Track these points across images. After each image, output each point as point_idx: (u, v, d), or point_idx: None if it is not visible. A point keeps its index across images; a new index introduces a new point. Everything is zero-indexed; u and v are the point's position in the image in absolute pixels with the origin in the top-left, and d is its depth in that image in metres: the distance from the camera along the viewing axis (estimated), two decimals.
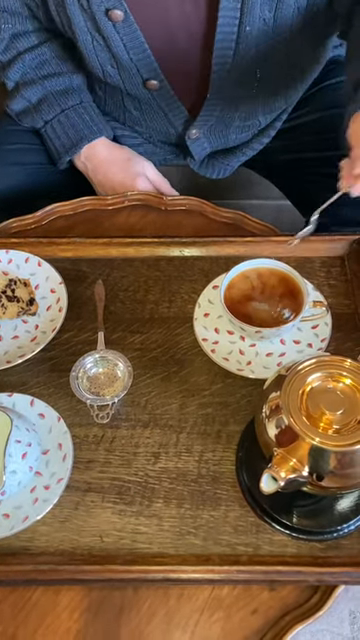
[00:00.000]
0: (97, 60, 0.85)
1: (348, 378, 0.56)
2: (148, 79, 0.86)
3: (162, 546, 0.61)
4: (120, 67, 0.85)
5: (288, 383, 0.56)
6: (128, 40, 0.81)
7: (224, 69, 0.84)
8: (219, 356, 0.72)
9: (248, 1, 0.76)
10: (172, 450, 0.67)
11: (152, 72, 0.85)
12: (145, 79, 0.86)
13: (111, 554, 0.61)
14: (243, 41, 0.81)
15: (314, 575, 0.58)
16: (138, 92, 0.88)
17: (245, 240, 0.82)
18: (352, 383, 0.56)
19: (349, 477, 0.55)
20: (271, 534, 0.61)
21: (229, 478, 0.65)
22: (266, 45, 0.82)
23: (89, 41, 0.83)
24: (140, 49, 0.82)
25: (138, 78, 0.86)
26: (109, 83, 0.90)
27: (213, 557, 0.60)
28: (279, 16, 0.79)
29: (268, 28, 0.80)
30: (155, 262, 0.82)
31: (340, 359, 0.56)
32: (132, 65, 0.84)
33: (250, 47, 0.82)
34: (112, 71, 0.86)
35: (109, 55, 0.84)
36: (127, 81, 0.87)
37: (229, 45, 0.81)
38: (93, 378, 0.70)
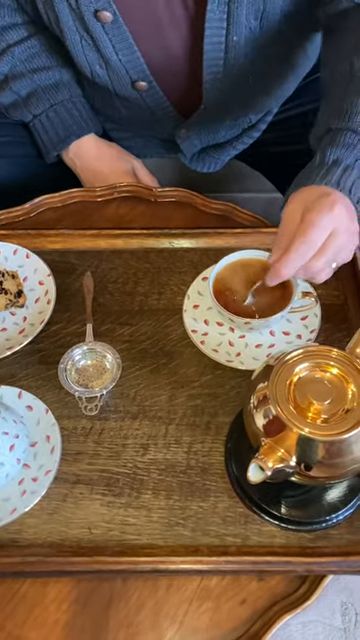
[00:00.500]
0: (85, 60, 0.84)
1: (335, 368, 0.56)
2: (137, 80, 0.85)
3: (151, 537, 0.61)
4: (109, 68, 0.84)
5: (276, 373, 0.56)
6: (117, 41, 0.80)
7: (215, 78, 0.84)
8: (208, 347, 0.71)
9: (234, 11, 0.75)
10: (161, 441, 0.66)
11: (141, 74, 0.84)
12: (134, 80, 0.85)
13: (100, 545, 0.60)
14: (232, 50, 0.80)
15: (302, 565, 0.58)
16: (127, 93, 0.88)
17: (235, 232, 0.81)
18: (339, 372, 0.56)
19: (337, 467, 0.55)
20: (260, 525, 0.61)
21: (218, 469, 0.65)
22: (255, 52, 0.82)
23: (77, 41, 0.82)
24: (129, 50, 0.82)
25: (127, 79, 0.85)
26: (97, 82, 0.89)
27: (202, 548, 0.60)
28: (265, 23, 0.78)
29: (255, 35, 0.80)
30: (144, 254, 0.81)
31: (327, 349, 0.56)
32: (121, 66, 0.83)
33: (239, 55, 0.81)
34: (101, 71, 0.85)
35: (98, 55, 0.83)
36: (115, 82, 0.86)
37: (218, 55, 0.81)
38: (82, 370, 0.70)
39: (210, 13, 0.75)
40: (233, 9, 0.75)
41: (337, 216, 0.58)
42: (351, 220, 0.60)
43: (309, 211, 0.59)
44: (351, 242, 0.61)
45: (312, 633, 1.04)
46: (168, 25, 0.80)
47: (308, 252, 0.58)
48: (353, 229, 0.61)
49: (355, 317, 0.74)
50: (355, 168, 0.62)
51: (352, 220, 0.60)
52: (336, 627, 1.04)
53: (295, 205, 0.61)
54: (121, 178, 0.92)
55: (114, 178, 0.92)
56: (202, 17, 0.77)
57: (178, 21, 0.79)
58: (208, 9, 0.75)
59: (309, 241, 0.58)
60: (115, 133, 1.03)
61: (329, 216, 0.58)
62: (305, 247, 0.58)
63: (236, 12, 0.76)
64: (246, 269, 0.73)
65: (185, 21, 0.79)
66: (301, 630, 1.05)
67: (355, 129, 0.64)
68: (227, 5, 0.74)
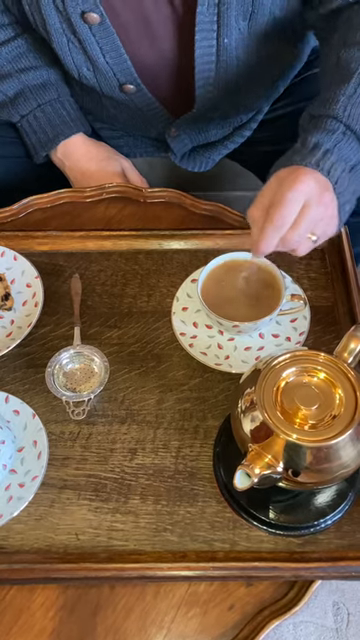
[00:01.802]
0: (73, 62, 0.83)
1: (322, 372, 0.55)
2: (124, 83, 0.84)
3: (138, 543, 0.60)
4: (96, 70, 0.83)
5: (263, 378, 0.56)
6: (104, 43, 0.79)
7: (207, 82, 0.83)
8: (197, 350, 0.71)
9: (223, 13, 0.74)
10: (149, 446, 0.66)
11: (129, 77, 0.83)
12: (121, 83, 0.84)
13: (87, 552, 0.60)
14: (223, 53, 0.79)
15: (290, 570, 0.58)
16: (115, 95, 0.87)
17: (224, 233, 0.81)
18: (326, 377, 0.55)
19: (324, 472, 0.55)
20: (248, 530, 0.61)
21: (206, 474, 0.64)
22: (245, 53, 0.81)
23: (64, 43, 0.81)
24: (116, 53, 0.81)
25: (114, 82, 0.84)
26: (85, 84, 0.88)
27: (189, 554, 0.60)
28: (254, 24, 0.78)
29: (244, 37, 0.79)
30: (133, 255, 0.81)
31: (314, 353, 0.56)
32: (108, 69, 0.82)
33: (230, 57, 0.81)
34: (88, 74, 0.84)
35: (85, 57, 0.82)
36: (103, 84, 0.85)
37: (210, 59, 0.80)
38: (69, 374, 0.69)
39: (200, 16, 0.75)
40: (223, 11, 0.74)
41: (306, 188, 0.60)
42: (322, 191, 0.61)
43: (280, 186, 0.61)
44: (326, 212, 0.63)
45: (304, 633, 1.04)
46: (157, 28, 0.79)
47: (283, 226, 0.60)
48: (325, 200, 0.62)
49: (344, 320, 0.74)
50: (334, 153, 0.63)
51: (323, 191, 0.61)
52: (328, 627, 1.04)
53: (271, 184, 0.63)
54: (110, 179, 0.92)
55: (103, 179, 0.91)
56: (192, 20, 0.76)
57: (167, 24, 0.78)
58: (198, 11, 0.74)
59: (282, 215, 0.60)
60: (105, 132, 1.02)
61: (297, 189, 0.60)
62: (279, 222, 0.60)
63: (226, 14, 0.75)
64: (235, 271, 0.72)
65: (174, 23, 0.78)
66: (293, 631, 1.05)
67: (335, 115, 0.65)
68: (217, 7, 0.73)
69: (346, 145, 0.65)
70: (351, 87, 0.66)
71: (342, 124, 0.65)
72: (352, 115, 0.65)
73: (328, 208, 0.63)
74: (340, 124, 0.65)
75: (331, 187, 0.62)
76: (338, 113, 0.65)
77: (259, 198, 0.63)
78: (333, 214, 0.64)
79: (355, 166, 0.66)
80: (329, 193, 0.62)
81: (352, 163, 0.65)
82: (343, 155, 0.64)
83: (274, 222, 0.60)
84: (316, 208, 0.61)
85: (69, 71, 0.86)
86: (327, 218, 0.63)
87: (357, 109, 0.65)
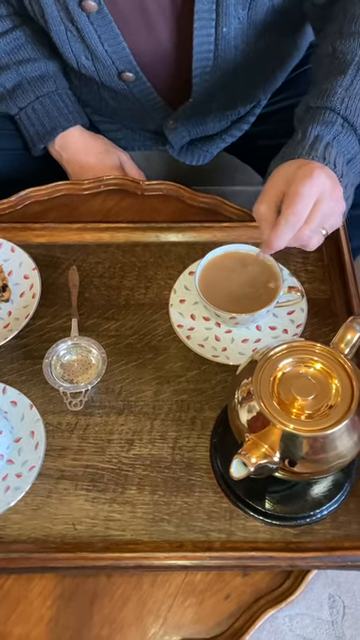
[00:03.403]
0: (71, 51, 0.83)
1: (319, 363, 0.55)
2: (123, 71, 0.84)
3: (135, 533, 0.61)
4: (95, 59, 0.83)
5: (260, 369, 0.56)
6: (102, 31, 0.79)
7: (205, 71, 0.83)
8: (194, 342, 0.71)
9: (222, 1, 0.74)
10: (146, 437, 0.66)
11: (127, 65, 0.83)
12: (120, 71, 0.84)
13: (84, 541, 0.60)
14: (221, 42, 0.79)
15: (286, 560, 0.58)
16: (113, 84, 0.87)
17: (222, 225, 0.81)
18: (323, 368, 0.55)
19: (321, 462, 0.55)
20: (244, 520, 0.61)
21: (203, 464, 0.64)
22: (244, 43, 0.81)
23: (62, 31, 0.81)
24: (115, 41, 0.80)
25: (113, 70, 0.84)
26: (84, 74, 0.88)
27: (186, 543, 0.60)
28: (253, 13, 0.78)
29: (244, 26, 0.79)
30: (131, 248, 0.81)
31: (311, 344, 0.56)
32: (107, 57, 0.82)
33: (229, 47, 0.81)
34: (87, 62, 0.84)
35: (83, 46, 0.82)
36: (102, 73, 0.85)
37: (208, 47, 0.80)
38: (67, 365, 0.70)
39: (199, 4, 0.75)
40: None
41: (319, 183, 0.60)
42: (334, 186, 0.61)
43: (292, 183, 0.60)
44: (337, 207, 0.63)
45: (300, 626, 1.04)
46: (155, 16, 0.79)
47: (297, 223, 0.60)
48: (337, 195, 0.62)
49: (341, 312, 0.74)
50: (334, 145, 0.64)
51: (335, 186, 0.62)
52: (324, 620, 1.05)
53: (278, 178, 0.63)
54: (108, 172, 0.92)
55: (101, 172, 0.91)
56: (190, 8, 0.76)
57: (165, 11, 0.78)
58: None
59: (297, 212, 0.59)
60: (103, 125, 1.02)
61: (311, 184, 0.59)
62: (294, 218, 0.59)
63: (225, 2, 0.75)
64: (233, 263, 0.72)
65: (173, 11, 0.78)
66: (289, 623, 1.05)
67: (333, 107, 0.65)
68: None
69: (344, 138, 0.65)
70: (348, 79, 0.66)
71: (340, 116, 0.65)
72: (349, 107, 0.65)
73: (339, 202, 0.63)
74: (338, 116, 0.65)
75: (339, 182, 0.63)
76: (336, 105, 0.65)
77: (265, 194, 0.63)
78: (342, 209, 0.64)
79: (352, 159, 0.66)
80: (339, 187, 0.62)
81: (349, 156, 0.66)
82: (342, 148, 0.65)
83: (288, 219, 0.59)
84: (329, 203, 0.61)
85: (67, 60, 0.86)
86: (336, 212, 0.63)
87: (354, 101, 0.65)
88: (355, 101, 0.65)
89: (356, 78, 0.66)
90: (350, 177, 0.66)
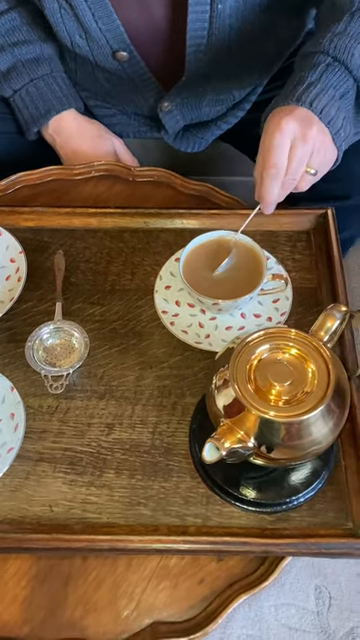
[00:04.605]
0: (65, 30, 0.83)
1: (295, 349, 0.55)
2: (117, 50, 0.84)
3: (111, 516, 0.61)
4: (89, 37, 0.82)
5: (236, 355, 0.56)
6: (96, 9, 0.79)
7: (198, 49, 0.82)
8: (178, 329, 0.71)
9: None
10: (126, 421, 0.66)
11: (122, 43, 0.83)
12: (114, 50, 0.84)
13: (60, 523, 0.60)
14: (216, 19, 0.79)
15: (260, 546, 0.58)
16: (108, 63, 0.86)
17: (211, 213, 0.81)
18: (300, 354, 0.55)
19: (295, 449, 0.55)
20: (221, 506, 0.61)
21: (182, 450, 0.64)
22: (239, 22, 0.81)
23: (56, 9, 0.81)
24: (109, 19, 0.80)
25: (107, 49, 0.84)
26: (78, 54, 0.87)
27: (161, 527, 0.60)
28: None
29: (239, 4, 0.78)
30: (119, 233, 0.81)
31: (288, 330, 0.56)
32: (101, 35, 0.82)
33: (224, 25, 0.80)
34: (81, 41, 0.84)
35: (77, 24, 0.82)
36: (96, 52, 0.85)
37: (202, 25, 0.79)
38: (50, 349, 0.70)
39: None
40: None
41: (287, 130, 0.63)
42: (305, 128, 0.63)
43: (265, 136, 0.65)
44: (317, 147, 0.65)
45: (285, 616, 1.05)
46: None
47: (278, 174, 0.64)
48: (309, 135, 0.63)
49: (327, 301, 0.73)
50: (318, 84, 0.65)
51: (306, 127, 0.63)
52: (309, 610, 1.05)
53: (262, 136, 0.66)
54: (101, 157, 0.91)
55: (94, 157, 0.91)
56: None
57: None
58: None
59: (273, 164, 0.63)
60: (98, 110, 1.01)
61: (280, 134, 0.63)
62: (273, 171, 0.63)
63: None
64: (218, 250, 0.72)
65: None
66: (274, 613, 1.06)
67: (322, 50, 0.67)
68: None
69: (332, 75, 0.66)
70: (342, 25, 0.68)
71: (329, 56, 0.67)
72: (338, 47, 0.67)
73: (317, 140, 0.64)
74: (327, 57, 0.67)
75: (316, 118, 0.64)
76: (325, 47, 0.67)
77: (258, 157, 0.67)
78: (326, 144, 0.66)
79: (344, 94, 0.67)
80: (314, 126, 0.64)
81: (341, 91, 0.67)
82: (330, 84, 0.66)
83: (268, 172, 0.64)
84: (302, 146, 0.63)
85: (62, 40, 0.85)
86: (320, 150, 0.65)
87: (344, 42, 0.67)
88: (345, 41, 0.67)
89: (350, 24, 0.68)
90: (344, 111, 0.67)
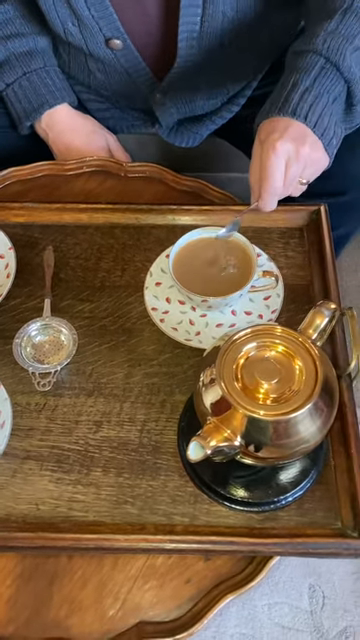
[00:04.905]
0: (57, 17, 0.82)
1: (283, 346, 0.55)
2: (110, 38, 0.83)
3: (98, 515, 0.60)
4: (81, 25, 0.82)
5: (223, 353, 0.55)
6: None
7: (191, 36, 0.81)
8: (168, 326, 0.70)
9: None
10: (115, 419, 0.66)
11: (115, 31, 0.82)
12: (107, 38, 0.83)
13: (46, 522, 0.60)
14: (210, 6, 0.78)
15: (247, 546, 0.57)
16: (101, 52, 0.85)
17: (202, 209, 0.80)
18: (287, 351, 0.55)
19: (282, 447, 0.54)
20: (209, 505, 0.61)
21: (170, 448, 0.64)
22: (233, 11, 0.80)
23: None
24: (101, 5, 0.79)
25: (100, 37, 0.83)
26: (71, 43, 0.87)
27: (148, 526, 0.59)
28: None
29: None
30: (109, 229, 0.80)
31: (273, 327, 0.55)
32: (93, 23, 0.81)
33: (217, 12, 0.79)
34: (73, 29, 0.83)
35: (69, 11, 0.81)
36: (89, 40, 0.84)
37: (195, 11, 0.78)
38: (38, 346, 0.69)
39: None
40: None
41: (282, 152, 0.65)
42: (298, 147, 0.65)
43: (262, 154, 0.66)
44: (309, 162, 0.67)
45: (278, 615, 1.04)
46: None
47: (276, 190, 0.66)
48: (302, 153, 0.65)
49: (319, 299, 0.72)
50: (313, 89, 0.66)
51: (299, 147, 0.65)
52: (302, 609, 1.05)
53: (255, 147, 0.68)
54: (94, 153, 0.91)
55: (87, 152, 0.90)
56: None
57: None
58: None
59: (271, 185, 0.66)
60: (91, 104, 1.01)
61: (275, 157, 0.65)
62: (271, 189, 0.66)
63: None
64: (208, 246, 0.71)
65: None
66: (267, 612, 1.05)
67: (314, 49, 0.67)
68: None
69: (325, 79, 0.67)
70: (333, 23, 0.68)
71: (322, 57, 0.67)
72: (331, 47, 0.67)
73: (310, 157, 0.66)
74: (320, 57, 0.67)
75: (309, 132, 0.66)
76: (318, 47, 0.67)
77: (251, 164, 0.69)
78: (317, 157, 0.67)
79: (337, 98, 0.68)
80: (306, 144, 0.65)
81: (334, 95, 0.67)
82: (324, 89, 0.66)
83: (268, 191, 0.66)
84: (296, 165, 0.66)
85: (54, 28, 0.84)
86: (312, 165, 0.67)
87: (336, 41, 0.67)
88: (338, 41, 0.67)
89: (342, 22, 0.68)
90: (336, 115, 0.68)
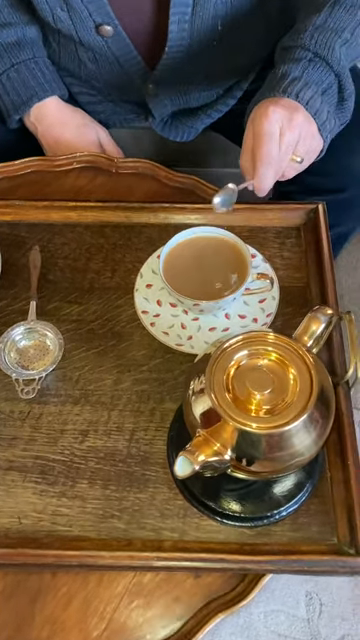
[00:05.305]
0: (46, 2, 0.79)
1: (276, 354, 0.52)
2: (101, 24, 0.79)
3: (83, 529, 0.58)
4: (71, 10, 0.78)
5: (214, 362, 0.52)
6: None
7: (183, 19, 0.78)
8: (158, 330, 0.67)
9: None
10: (102, 428, 0.63)
11: (105, 16, 0.78)
12: (98, 24, 0.80)
13: (28, 536, 0.57)
14: None
15: (238, 563, 0.54)
16: (91, 39, 0.82)
17: (196, 207, 0.77)
18: (280, 360, 0.52)
19: (275, 461, 0.51)
20: (199, 519, 0.58)
21: (159, 459, 0.61)
22: None
23: None
24: None
25: (90, 22, 0.80)
26: (61, 31, 0.83)
27: (135, 541, 0.57)
28: None
29: None
30: (99, 228, 0.77)
31: (266, 334, 0.52)
32: (83, 7, 0.78)
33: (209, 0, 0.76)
34: (62, 15, 0.79)
35: None
36: (79, 26, 0.80)
37: None
38: (22, 351, 0.66)
39: None
40: None
41: (275, 118, 0.63)
42: (292, 115, 0.64)
43: (254, 124, 0.64)
44: (303, 135, 0.65)
45: (274, 622, 1.02)
46: None
47: (272, 160, 0.64)
48: (295, 122, 0.64)
49: (316, 302, 0.70)
50: (302, 79, 0.66)
51: (293, 114, 0.64)
52: (299, 617, 1.02)
53: (247, 128, 0.67)
54: (84, 147, 0.87)
55: (77, 147, 0.87)
56: None
57: None
58: None
59: (266, 152, 0.63)
60: (83, 97, 0.97)
61: (268, 122, 0.63)
62: (267, 159, 0.64)
63: None
64: (201, 247, 0.68)
65: None
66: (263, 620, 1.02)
67: (303, 45, 0.68)
68: None
69: (314, 71, 0.67)
70: (321, 18, 0.68)
71: (310, 52, 0.67)
72: (319, 42, 0.67)
73: (303, 128, 0.65)
74: (308, 52, 0.67)
75: (302, 108, 0.65)
76: (305, 42, 0.68)
77: (244, 147, 0.67)
78: (312, 133, 0.66)
79: (327, 90, 0.68)
80: (299, 114, 0.64)
81: (324, 86, 0.67)
82: (313, 80, 0.66)
83: (263, 161, 0.64)
84: (290, 132, 0.64)
85: (42, 14, 0.81)
86: (306, 138, 0.66)
87: (324, 36, 0.67)
88: (326, 36, 0.67)
89: (330, 15, 0.68)
90: (328, 104, 0.67)
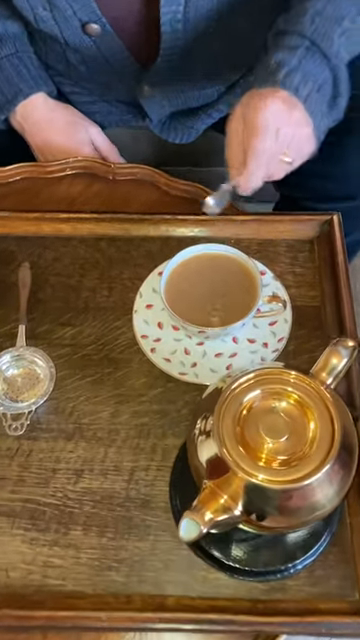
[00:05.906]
0: (26, 0, 0.72)
1: (293, 396, 0.46)
2: (87, 22, 0.73)
3: (77, 583, 0.52)
4: (54, 8, 0.72)
5: (223, 402, 0.46)
6: None
7: (175, 18, 0.71)
8: (159, 356, 0.62)
9: None
10: (98, 467, 0.57)
11: (91, 14, 0.72)
12: (83, 22, 0.73)
13: (17, 592, 0.52)
14: None
15: (249, 625, 0.49)
16: (78, 40, 0.75)
17: (200, 219, 0.71)
18: (298, 402, 0.46)
19: (292, 517, 0.46)
20: (206, 571, 0.52)
21: (161, 502, 0.55)
22: None
23: None
24: None
25: (75, 21, 0.73)
26: (45, 31, 0.77)
27: (135, 598, 0.51)
28: None
29: None
30: (95, 242, 0.71)
31: (281, 371, 0.46)
32: (67, 6, 0.71)
33: None
34: (45, 14, 0.73)
35: None
36: (64, 26, 0.74)
37: None
38: (10, 380, 0.60)
39: None
40: None
41: (274, 109, 0.59)
42: (290, 110, 0.59)
43: (247, 115, 0.59)
44: (298, 133, 0.61)
45: None
46: None
47: (264, 154, 0.59)
48: (294, 118, 0.60)
49: (333, 323, 0.64)
50: (299, 71, 0.61)
51: (292, 109, 0.60)
52: None
53: (235, 115, 0.61)
54: (75, 147, 0.81)
55: (67, 147, 0.81)
56: None
57: None
58: None
59: (261, 149, 0.58)
60: (76, 97, 0.91)
61: (269, 111, 0.58)
62: (260, 151, 0.59)
63: None
64: (206, 266, 0.62)
65: None
66: None
67: (300, 31, 0.63)
68: None
69: (311, 61, 0.62)
70: (320, 4, 0.63)
71: (307, 39, 0.62)
72: (318, 30, 0.62)
73: (299, 126, 0.60)
74: (305, 39, 0.62)
75: (300, 106, 0.60)
76: (304, 28, 0.62)
77: (230, 139, 0.62)
78: (307, 133, 0.61)
79: (322, 86, 0.63)
80: (298, 111, 0.60)
81: (320, 82, 0.62)
82: (309, 72, 0.62)
83: (255, 155, 0.59)
84: (287, 128, 0.59)
85: (23, 13, 0.74)
86: (301, 137, 0.61)
87: (323, 24, 0.62)
88: (325, 24, 0.62)
89: (330, 1, 0.63)
90: (322, 104, 0.63)
